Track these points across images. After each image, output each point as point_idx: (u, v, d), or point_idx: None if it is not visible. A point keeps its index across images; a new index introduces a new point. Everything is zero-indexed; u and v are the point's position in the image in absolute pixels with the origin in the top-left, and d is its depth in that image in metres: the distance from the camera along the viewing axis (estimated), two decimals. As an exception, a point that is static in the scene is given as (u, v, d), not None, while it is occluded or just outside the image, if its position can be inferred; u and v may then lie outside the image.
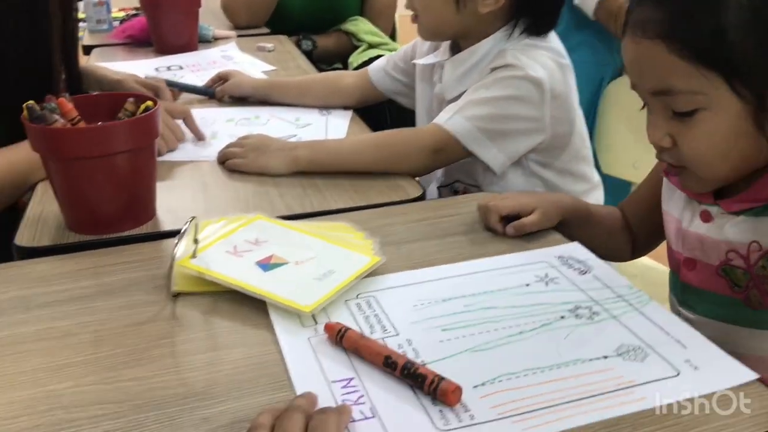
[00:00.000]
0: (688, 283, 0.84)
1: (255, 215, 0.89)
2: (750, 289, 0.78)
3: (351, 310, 0.74)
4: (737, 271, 0.79)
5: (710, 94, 0.71)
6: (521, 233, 0.88)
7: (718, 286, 0.81)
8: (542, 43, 1.11)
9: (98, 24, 2.06)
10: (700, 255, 0.82)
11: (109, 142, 0.86)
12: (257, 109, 1.38)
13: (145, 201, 0.95)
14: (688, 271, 0.84)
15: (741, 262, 0.78)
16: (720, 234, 0.79)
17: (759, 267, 0.77)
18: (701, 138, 0.73)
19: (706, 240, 0.81)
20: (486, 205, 0.90)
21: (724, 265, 0.80)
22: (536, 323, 0.71)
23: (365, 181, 1.06)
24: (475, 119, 1.07)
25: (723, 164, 0.75)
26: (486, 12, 1.09)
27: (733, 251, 0.78)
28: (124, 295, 0.77)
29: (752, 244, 0.76)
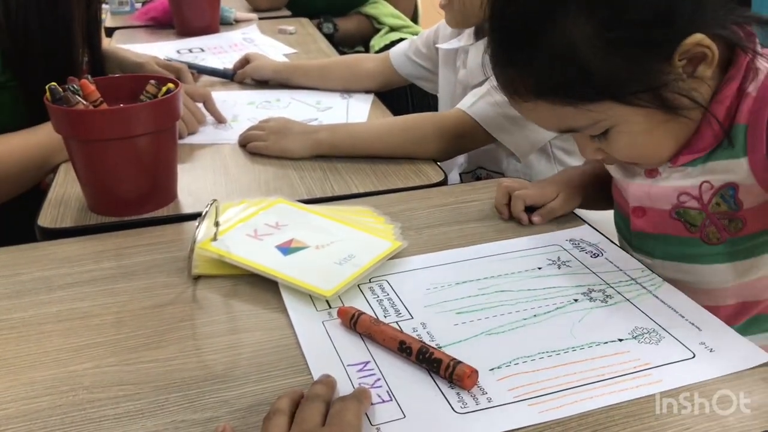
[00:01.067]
0: (640, 230, 0.83)
1: (276, 198, 0.88)
2: (707, 227, 0.77)
3: (364, 293, 0.73)
4: (691, 212, 0.77)
5: (609, 116, 0.70)
6: (548, 219, 0.87)
7: (673, 228, 0.80)
8: None
9: (120, 6, 2.07)
10: (649, 203, 0.81)
11: (130, 124, 0.86)
12: (278, 92, 1.38)
13: (166, 183, 0.95)
14: (637, 218, 0.82)
15: (694, 202, 0.77)
16: (668, 182, 0.78)
17: (713, 204, 0.75)
18: (625, 147, 0.73)
19: (653, 190, 0.79)
20: (512, 193, 0.88)
21: (677, 208, 0.78)
22: (550, 306, 0.71)
23: (386, 165, 1.05)
24: (499, 105, 1.05)
25: (659, 152, 0.75)
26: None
27: (685, 194, 0.77)
28: (145, 277, 0.77)
29: (703, 184, 0.75)
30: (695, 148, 0.74)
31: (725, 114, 0.71)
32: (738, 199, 0.74)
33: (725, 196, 0.75)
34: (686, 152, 0.75)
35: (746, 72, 0.71)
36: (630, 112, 0.69)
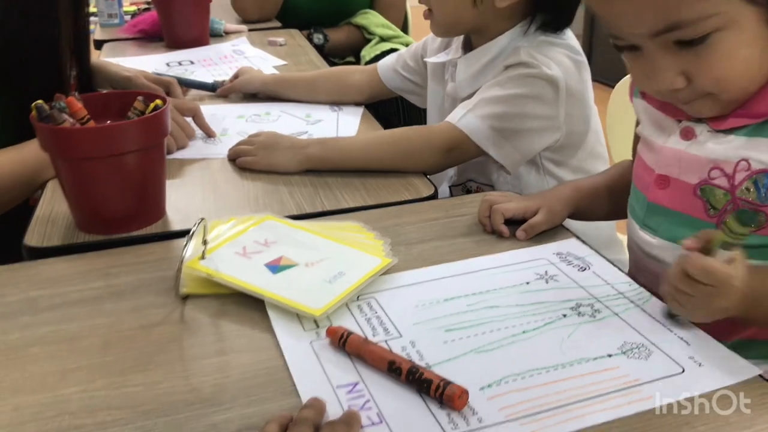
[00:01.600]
0: (656, 203, 0.80)
1: (264, 215, 0.88)
2: (727, 213, 0.74)
3: (353, 312, 0.73)
4: (717, 192, 0.75)
5: (722, 12, 0.65)
6: (532, 235, 0.87)
7: (691, 207, 0.77)
8: (558, 39, 1.09)
9: (109, 18, 2.06)
10: (677, 173, 0.78)
11: (118, 141, 0.86)
12: (268, 105, 1.37)
13: (154, 200, 0.94)
14: (659, 189, 0.80)
15: (724, 181, 0.74)
16: (703, 151, 0.75)
17: (743, 189, 0.73)
18: (721, 61, 0.68)
19: (685, 156, 0.76)
20: (492, 207, 0.88)
21: (704, 184, 0.75)
22: (539, 322, 0.71)
23: (377, 179, 1.05)
24: (488, 118, 1.05)
25: (747, 80, 0.70)
26: (503, 7, 1.07)
27: (717, 168, 0.74)
28: (133, 297, 0.77)
29: (740, 162, 0.72)
30: (751, 112, 0.71)
31: None
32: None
33: (759, 183, 0.72)
34: (739, 113, 0.71)
35: None
36: (742, 13, 0.66)
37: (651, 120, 0.82)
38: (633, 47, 0.72)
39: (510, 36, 1.10)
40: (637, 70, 0.73)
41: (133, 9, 2.18)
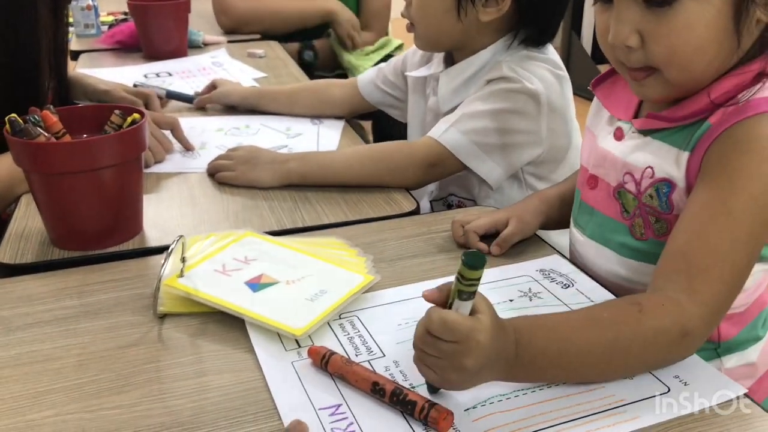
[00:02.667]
0: (586, 202, 0.83)
1: (245, 231, 0.87)
2: (636, 217, 0.76)
3: (335, 331, 0.72)
4: (628, 196, 0.77)
5: None
6: (506, 248, 0.87)
7: (611, 209, 0.79)
8: (539, 54, 1.09)
9: (86, 28, 2.03)
10: (603, 173, 0.80)
11: (94, 156, 0.84)
12: (247, 118, 1.36)
13: (131, 216, 0.92)
14: (590, 189, 0.82)
15: (633, 186, 0.76)
16: (623, 154, 0.77)
17: (647, 195, 0.75)
18: (681, 30, 0.68)
19: (609, 158, 0.79)
20: (463, 228, 0.89)
21: (619, 188, 0.78)
22: None
23: (358, 194, 1.04)
24: (470, 133, 1.05)
25: (698, 61, 0.70)
26: (487, 21, 1.07)
27: (628, 174, 0.77)
28: (109, 316, 0.75)
29: (647, 170, 0.74)
30: (672, 115, 0.73)
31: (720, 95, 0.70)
32: (671, 200, 0.73)
33: (660, 192, 0.74)
34: (658, 116, 0.73)
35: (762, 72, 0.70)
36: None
37: (598, 115, 0.84)
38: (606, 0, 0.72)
39: (492, 50, 1.10)
40: (602, 23, 0.74)
41: (110, 19, 2.16)
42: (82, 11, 2.01)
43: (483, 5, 1.06)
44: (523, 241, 0.89)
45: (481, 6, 1.06)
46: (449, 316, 0.57)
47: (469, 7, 1.06)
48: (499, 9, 1.06)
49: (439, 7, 1.08)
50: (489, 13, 1.07)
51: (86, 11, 2.01)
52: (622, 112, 0.80)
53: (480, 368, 0.58)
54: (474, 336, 0.57)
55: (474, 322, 0.58)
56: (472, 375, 0.59)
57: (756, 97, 0.69)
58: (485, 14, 1.07)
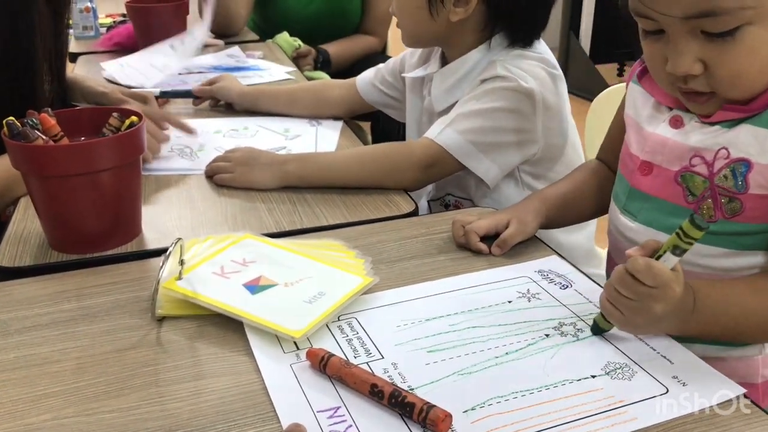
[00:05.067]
0: (638, 188, 0.82)
1: (243, 234, 0.87)
2: (704, 199, 0.76)
3: (333, 333, 0.71)
4: (697, 179, 0.77)
5: (757, 7, 0.66)
6: (507, 249, 0.87)
7: (671, 194, 0.79)
8: (532, 53, 1.09)
9: (85, 30, 2.04)
10: (660, 159, 0.80)
11: (92, 159, 0.84)
12: (245, 120, 1.36)
13: (130, 218, 0.92)
14: (642, 175, 0.82)
15: (704, 168, 0.76)
16: (687, 139, 0.77)
17: (721, 177, 0.75)
18: (743, 57, 0.69)
19: (669, 143, 0.78)
20: (464, 228, 0.88)
21: (684, 171, 0.78)
22: (522, 343, 0.70)
23: (357, 196, 1.04)
24: (466, 132, 1.05)
25: (761, 81, 0.71)
26: (457, 20, 1.08)
27: (698, 156, 0.76)
28: (107, 319, 0.75)
29: (720, 150, 0.75)
30: (744, 107, 0.73)
31: None
32: (747, 180, 0.73)
33: (736, 172, 0.74)
34: (731, 108, 0.73)
35: None
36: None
37: (644, 105, 0.83)
38: (657, 31, 0.72)
39: (482, 51, 1.11)
40: (656, 53, 0.74)
41: (108, 21, 2.16)
42: (80, 13, 2.02)
43: (453, 5, 1.07)
44: (522, 242, 0.89)
45: (451, 5, 1.07)
46: (655, 263, 0.65)
47: (440, 6, 1.07)
48: (466, 10, 1.07)
49: (412, 3, 1.10)
50: (457, 13, 1.08)
51: (85, 13, 2.01)
52: (673, 100, 0.79)
53: (665, 315, 0.66)
54: (672, 285, 0.65)
55: (674, 274, 0.65)
56: (656, 320, 0.67)
57: None
58: (454, 14, 1.08)
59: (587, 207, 0.97)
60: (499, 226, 0.88)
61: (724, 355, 0.81)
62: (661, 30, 0.72)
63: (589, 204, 0.97)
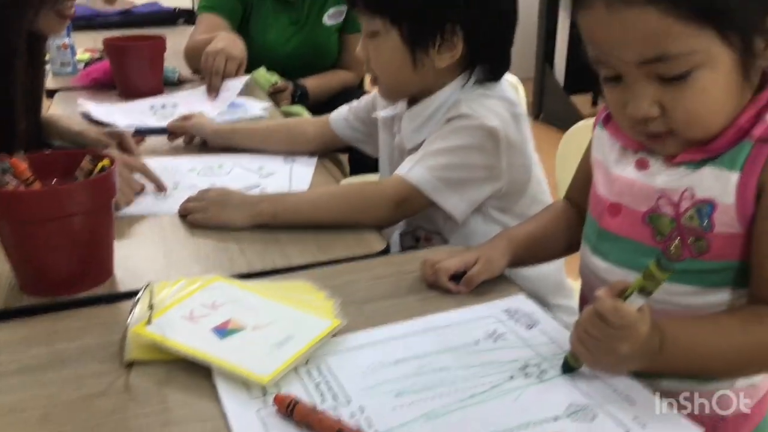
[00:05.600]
0: (607, 229, 0.84)
1: (213, 276, 0.87)
2: (672, 239, 0.78)
3: (301, 377, 0.72)
4: (664, 219, 0.79)
5: (705, 51, 0.70)
6: (473, 287, 0.88)
7: (640, 234, 0.81)
8: (494, 93, 1.12)
9: (62, 67, 2.04)
10: (628, 201, 0.82)
11: (64, 203, 0.85)
12: (220, 158, 1.37)
13: (102, 261, 0.93)
14: (611, 217, 0.84)
15: (670, 209, 0.78)
16: (653, 180, 0.79)
17: (687, 217, 0.77)
18: (697, 98, 0.72)
19: (636, 185, 0.81)
20: (433, 267, 0.90)
21: (652, 212, 0.80)
22: (486, 385, 0.71)
23: (328, 234, 1.05)
24: (435, 169, 1.07)
25: (717, 119, 0.74)
26: (443, 66, 1.10)
27: (664, 197, 0.78)
28: (76, 365, 0.75)
29: (685, 192, 0.77)
30: (706, 148, 0.75)
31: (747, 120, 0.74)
32: (712, 219, 0.75)
33: (701, 212, 0.76)
34: (694, 150, 0.76)
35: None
36: (722, 54, 0.70)
37: (611, 150, 0.86)
38: (616, 78, 0.75)
39: (450, 90, 1.13)
40: (616, 98, 0.77)
41: (87, 57, 2.17)
42: (58, 50, 2.03)
43: (437, 52, 1.09)
44: (491, 280, 0.90)
45: (435, 53, 1.09)
46: (621, 304, 0.67)
47: (424, 57, 1.09)
48: (453, 55, 1.10)
49: (394, 62, 1.11)
50: (444, 59, 1.10)
51: (63, 50, 2.02)
52: (638, 144, 0.82)
53: (631, 355, 0.68)
54: (637, 326, 0.67)
55: (640, 314, 0.67)
56: (622, 360, 0.69)
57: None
58: (440, 60, 1.10)
59: (555, 247, 0.99)
60: (468, 264, 0.90)
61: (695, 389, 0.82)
62: (619, 76, 0.75)
63: (556, 244, 0.99)
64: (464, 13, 1.07)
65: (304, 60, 2.14)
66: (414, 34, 1.08)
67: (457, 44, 1.09)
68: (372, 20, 1.10)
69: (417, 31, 1.08)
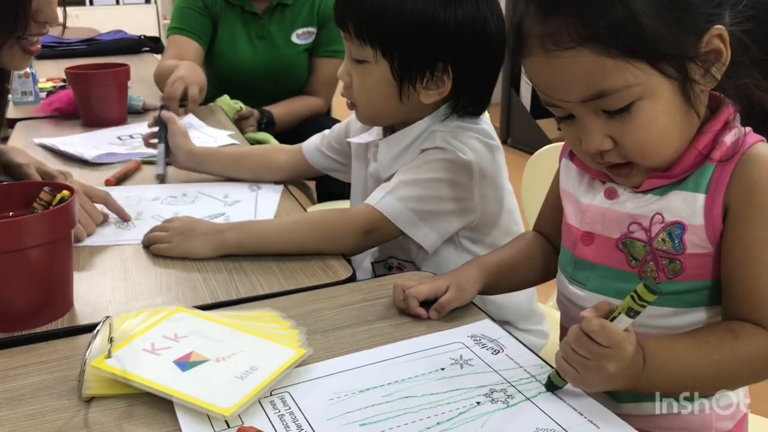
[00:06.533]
0: (582, 258, 0.86)
1: (176, 307, 0.86)
2: (647, 263, 0.80)
3: (265, 409, 0.71)
4: (637, 244, 0.81)
5: (642, 83, 0.72)
6: (444, 314, 0.88)
7: (615, 260, 0.83)
8: (472, 125, 1.13)
9: (23, 96, 2.02)
10: (601, 229, 0.84)
11: (21, 236, 0.83)
12: (184, 186, 1.36)
13: (61, 294, 0.91)
14: (584, 246, 0.85)
15: (642, 234, 0.80)
16: (623, 207, 0.81)
17: (659, 240, 0.79)
18: (643, 128, 0.74)
19: (608, 213, 0.83)
20: (404, 292, 0.90)
21: (624, 238, 0.81)
22: (453, 412, 0.71)
23: (294, 262, 1.04)
24: (406, 200, 1.07)
25: (668, 146, 0.77)
26: (429, 102, 1.11)
27: (635, 223, 0.80)
28: (33, 402, 0.73)
29: (655, 216, 0.79)
30: (669, 174, 0.78)
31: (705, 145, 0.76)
32: (683, 241, 0.77)
33: (672, 234, 0.78)
34: (658, 176, 0.78)
35: (727, 121, 0.77)
36: (659, 83, 0.72)
37: (578, 181, 0.88)
38: (568, 116, 0.78)
39: (429, 120, 1.13)
40: (572, 135, 0.80)
41: (49, 86, 2.14)
42: (19, 78, 2.00)
43: (424, 88, 1.09)
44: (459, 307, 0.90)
45: (422, 89, 1.09)
46: (609, 324, 0.69)
47: (411, 90, 1.09)
48: (440, 92, 1.10)
49: (381, 93, 1.10)
50: (431, 96, 1.10)
51: (24, 78, 2.00)
52: (605, 174, 0.83)
53: (617, 373, 0.69)
54: (624, 345, 0.69)
55: (626, 335, 0.69)
56: (608, 378, 0.70)
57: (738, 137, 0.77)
58: (427, 96, 1.10)
59: (525, 275, 1.00)
60: (438, 291, 0.90)
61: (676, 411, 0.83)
62: (571, 115, 0.78)
63: (527, 272, 0.99)
64: (456, 51, 1.07)
65: (273, 77, 2.15)
66: (404, 68, 1.08)
67: (445, 82, 1.09)
68: (362, 48, 1.09)
69: (407, 66, 1.08)
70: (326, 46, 2.17)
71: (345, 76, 1.13)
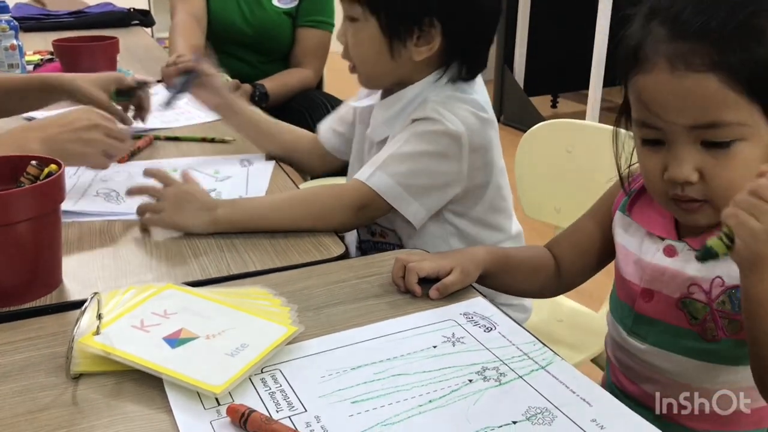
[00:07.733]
0: (643, 313, 0.86)
1: (165, 284, 0.85)
2: (707, 322, 0.81)
3: (256, 386, 0.70)
4: (697, 305, 0.81)
5: (752, 125, 0.73)
6: (445, 294, 0.87)
7: (675, 318, 0.83)
8: (465, 95, 1.11)
9: (10, 69, 1.98)
10: (661, 287, 0.84)
11: (8, 211, 0.81)
12: (175, 161, 1.35)
13: (49, 269, 0.90)
14: (644, 302, 0.86)
15: (702, 296, 0.81)
16: (683, 268, 0.82)
17: (719, 302, 0.80)
18: (737, 168, 0.74)
19: (668, 272, 0.83)
20: (406, 266, 0.89)
21: (684, 298, 0.82)
22: (445, 389, 0.70)
23: (286, 239, 1.03)
24: (397, 175, 1.06)
25: None
26: (420, 59, 1.10)
27: (695, 285, 0.81)
28: (20, 378, 0.72)
29: (716, 279, 0.80)
30: None
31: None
32: None
33: (733, 297, 0.79)
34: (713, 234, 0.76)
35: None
36: (763, 131, 0.73)
37: (636, 236, 0.88)
38: (656, 141, 0.77)
39: (422, 85, 1.13)
40: (653, 160, 0.78)
41: (36, 59, 2.11)
42: (6, 51, 1.96)
43: (415, 45, 1.09)
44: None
45: (413, 46, 1.09)
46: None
47: (402, 48, 1.09)
48: (430, 48, 1.09)
49: (371, 49, 1.11)
50: (421, 52, 1.10)
51: (10, 51, 1.96)
52: (664, 231, 0.84)
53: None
54: None
55: None
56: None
57: None
58: (417, 53, 1.09)
59: (523, 282, 0.99)
60: (441, 271, 0.88)
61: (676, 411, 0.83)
62: (660, 140, 0.77)
63: (525, 279, 0.99)
64: (443, 7, 1.07)
65: (259, 39, 2.16)
66: (392, 24, 1.08)
67: (434, 38, 1.08)
68: (352, 5, 1.10)
69: (395, 22, 1.08)
70: (309, 16, 2.16)
71: (341, 36, 1.15)
